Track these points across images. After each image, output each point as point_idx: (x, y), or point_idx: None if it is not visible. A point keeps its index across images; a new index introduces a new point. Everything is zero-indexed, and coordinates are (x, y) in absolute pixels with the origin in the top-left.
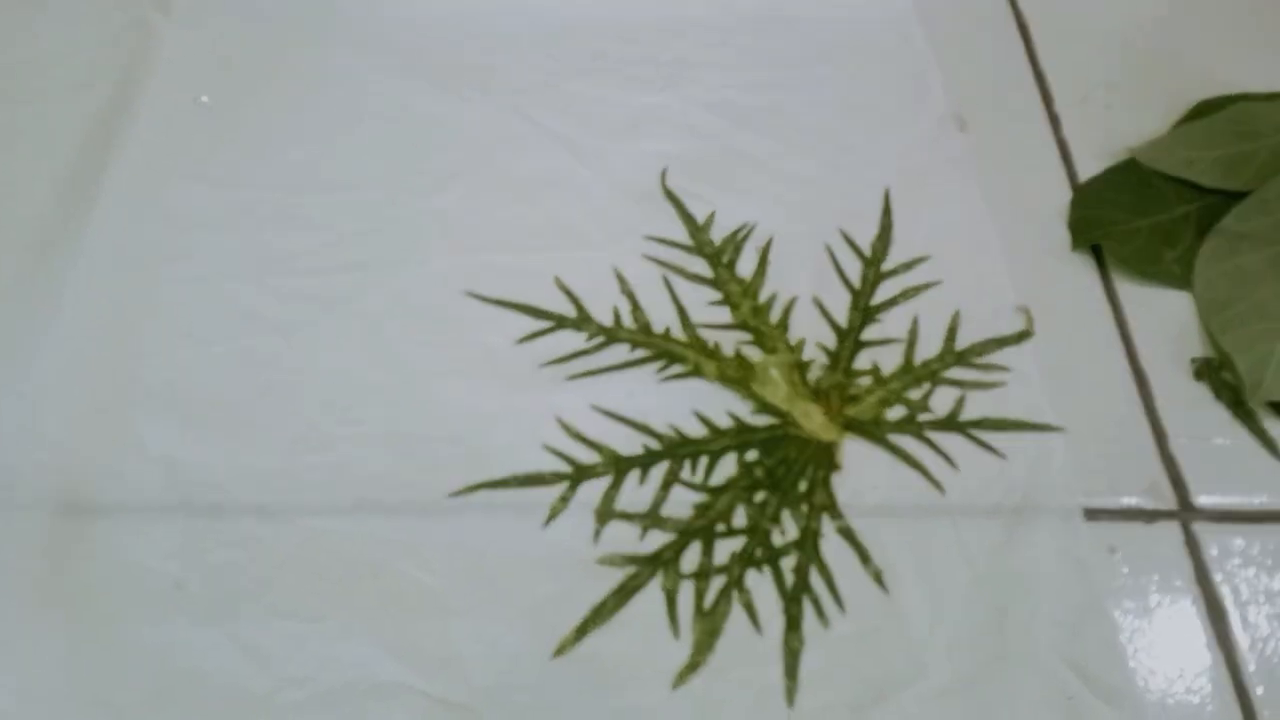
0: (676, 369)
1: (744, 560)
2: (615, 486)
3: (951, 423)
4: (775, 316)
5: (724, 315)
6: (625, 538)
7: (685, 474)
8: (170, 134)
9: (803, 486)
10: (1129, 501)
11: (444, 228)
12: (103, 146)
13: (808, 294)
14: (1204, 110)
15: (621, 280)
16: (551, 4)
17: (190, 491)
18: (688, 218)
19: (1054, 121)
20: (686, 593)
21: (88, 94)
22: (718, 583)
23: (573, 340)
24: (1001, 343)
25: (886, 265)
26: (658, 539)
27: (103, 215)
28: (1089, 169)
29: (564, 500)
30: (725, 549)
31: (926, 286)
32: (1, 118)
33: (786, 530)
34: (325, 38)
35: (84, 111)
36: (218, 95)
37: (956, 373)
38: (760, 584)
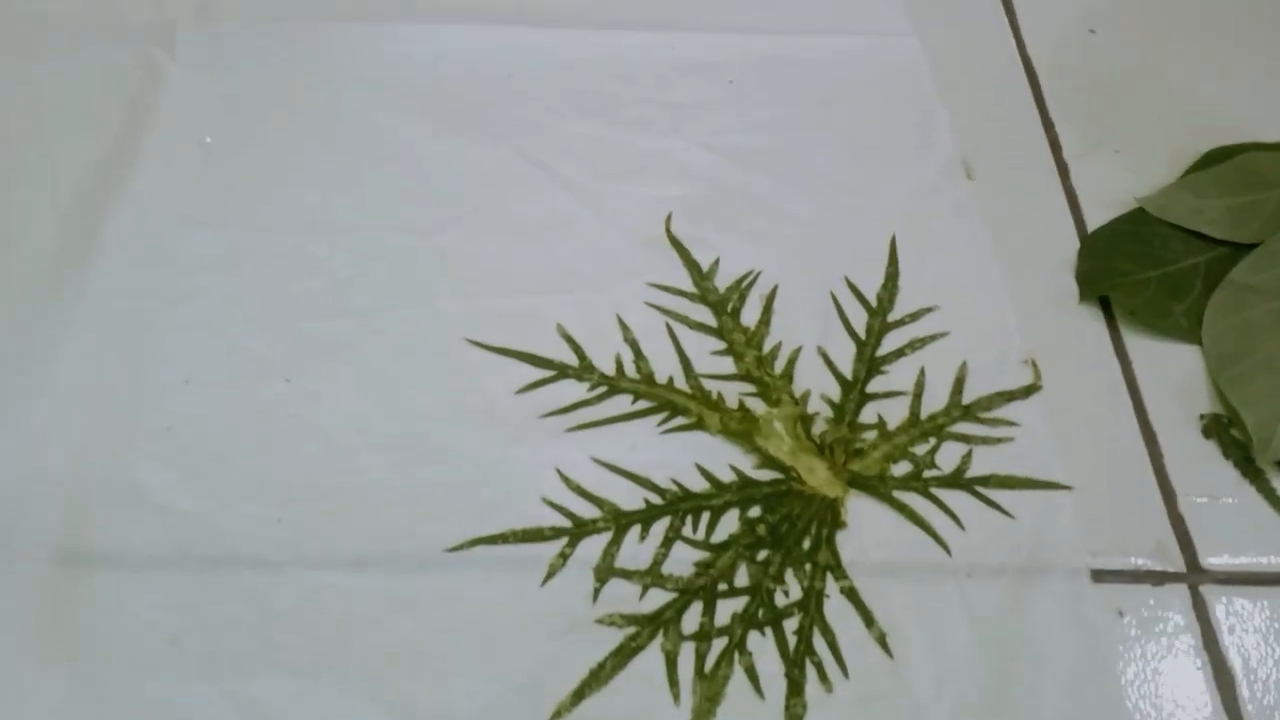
0: (679, 421)
1: (746, 621)
2: (615, 543)
3: (958, 480)
4: (779, 367)
5: (728, 365)
6: (625, 596)
7: (687, 530)
8: (174, 176)
9: (806, 544)
10: (1137, 562)
11: (447, 270)
12: (106, 188)
13: (812, 344)
14: (1213, 159)
15: (624, 328)
16: (556, 43)
17: (189, 541)
18: (692, 264)
19: (1062, 169)
20: (687, 655)
21: (92, 136)
22: (719, 645)
23: (574, 390)
24: (1009, 396)
25: (892, 315)
26: (658, 598)
27: (105, 258)
28: (1097, 217)
29: (563, 557)
30: (727, 609)
31: (933, 338)
32: (6, 159)
33: (790, 590)
34: (330, 78)
35: (88, 153)
36: (222, 136)
37: (963, 427)
38: (763, 646)
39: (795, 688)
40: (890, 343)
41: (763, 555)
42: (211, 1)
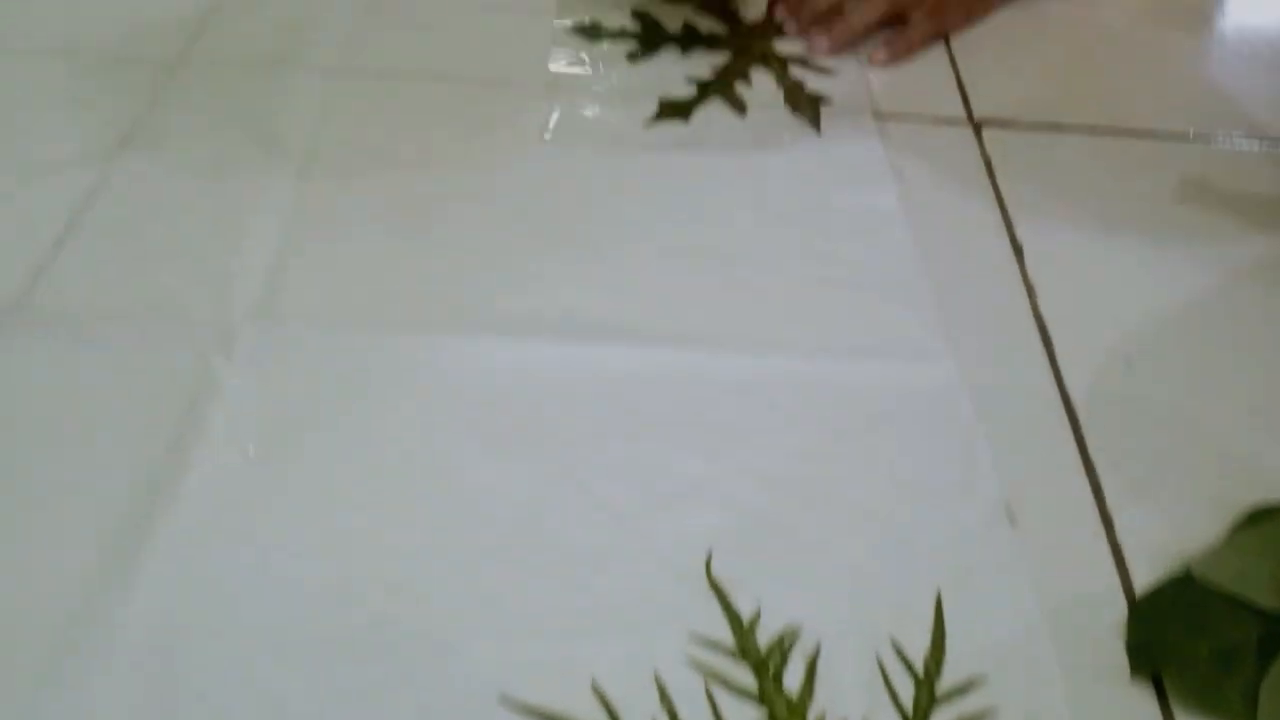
0: None
1: None
2: None
3: None
4: None
5: None
6: None
7: None
8: (221, 490)
9: None
10: None
11: (483, 609)
12: (150, 506)
13: (858, 715)
14: (1258, 518)
15: (662, 692)
16: (603, 359)
17: None
18: (733, 617)
19: (1106, 521)
20: None
21: (143, 445)
22: None
23: None
24: None
25: (940, 687)
26: None
27: (141, 585)
28: (1144, 573)
29: None
30: None
31: (982, 716)
32: (55, 468)
33: None
34: (387, 392)
35: (137, 467)
36: (266, 448)
37: None
38: None
39: None
40: (938, 718)
41: None
42: (274, 301)
